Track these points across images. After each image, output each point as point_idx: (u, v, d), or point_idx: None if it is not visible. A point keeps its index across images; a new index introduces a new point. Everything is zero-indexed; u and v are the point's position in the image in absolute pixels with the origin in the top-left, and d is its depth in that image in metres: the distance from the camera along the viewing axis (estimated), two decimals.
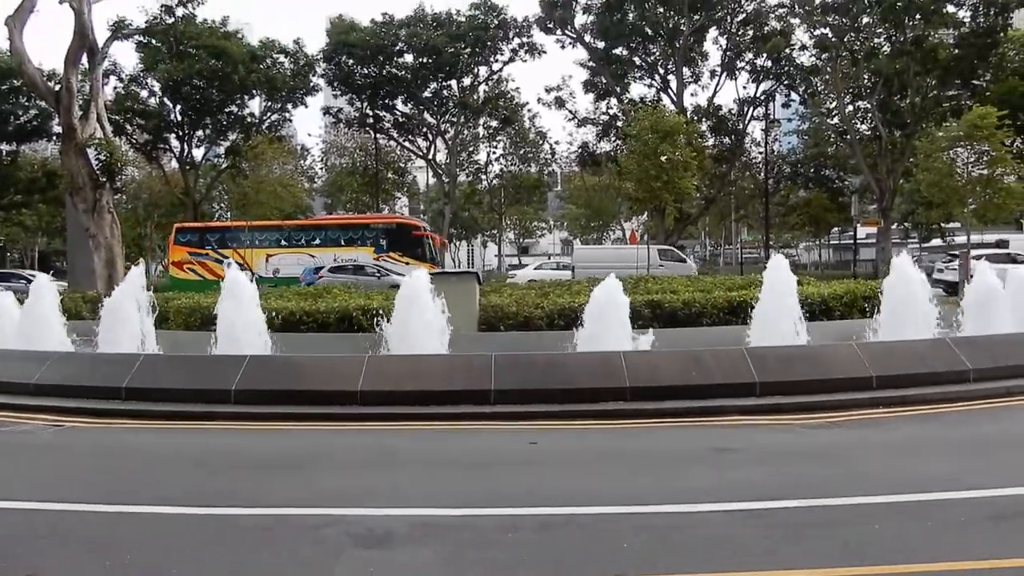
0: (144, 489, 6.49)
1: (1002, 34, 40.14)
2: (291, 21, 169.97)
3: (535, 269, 41.40)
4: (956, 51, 40.53)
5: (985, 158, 32.25)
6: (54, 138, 46.67)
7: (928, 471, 6.62)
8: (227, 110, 47.76)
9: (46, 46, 61.17)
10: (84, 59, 26.12)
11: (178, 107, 46.95)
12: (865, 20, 42.59)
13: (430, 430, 8.86)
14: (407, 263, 33.21)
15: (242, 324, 11.43)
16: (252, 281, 11.99)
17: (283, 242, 39.18)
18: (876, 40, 43.43)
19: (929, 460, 7.09)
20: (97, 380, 10.25)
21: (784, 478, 6.55)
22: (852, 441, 8.01)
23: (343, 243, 38.41)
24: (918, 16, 40.04)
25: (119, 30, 35.15)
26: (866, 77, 43.77)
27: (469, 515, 5.67)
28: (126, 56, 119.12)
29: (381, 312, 11.98)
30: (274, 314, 12.66)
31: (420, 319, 11.17)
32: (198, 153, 50.48)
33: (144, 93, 46.98)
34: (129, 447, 8.39)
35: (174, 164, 51.26)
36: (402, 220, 42.80)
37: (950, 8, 40.48)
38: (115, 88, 45.30)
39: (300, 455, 7.73)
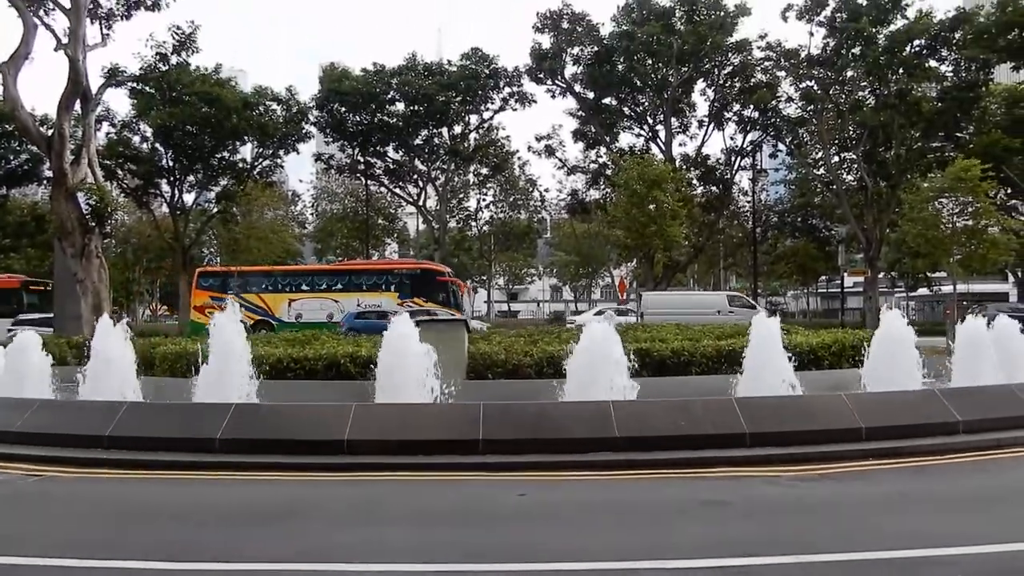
0: (123, 542, 6.34)
1: (984, 88, 41.02)
2: (285, 69, 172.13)
3: (594, 315, 40.74)
4: (939, 104, 41.38)
5: (969, 209, 32.69)
6: (44, 182, 46.68)
7: (919, 526, 6.55)
8: (219, 156, 47.86)
9: (39, 91, 61.65)
10: (77, 105, 26.25)
11: (170, 153, 47.02)
12: (850, 74, 43.51)
13: (417, 481, 8.73)
14: (431, 308, 32.78)
15: (228, 371, 11.31)
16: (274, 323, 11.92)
17: (305, 287, 38.57)
18: (861, 93, 44.34)
19: (920, 515, 7.02)
20: (79, 428, 10.07)
21: (774, 533, 6.46)
22: (842, 494, 7.93)
23: (366, 288, 37.70)
24: (901, 70, 40.97)
25: (113, 77, 35.38)
26: (851, 129, 44.55)
27: (454, 571, 5.57)
28: (119, 102, 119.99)
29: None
30: (261, 361, 12.56)
31: (407, 367, 11.09)
32: (189, 198, 50.58)
33: (136, 139, 47.09)
34: (109, 498, 8.23)
35: (164, 209, 51.27)
36: (427, 265, 41.63)
37: (933, 63, 41.47)
38: (107, 134, 45.45)
39: (284, 507, 7.58)
